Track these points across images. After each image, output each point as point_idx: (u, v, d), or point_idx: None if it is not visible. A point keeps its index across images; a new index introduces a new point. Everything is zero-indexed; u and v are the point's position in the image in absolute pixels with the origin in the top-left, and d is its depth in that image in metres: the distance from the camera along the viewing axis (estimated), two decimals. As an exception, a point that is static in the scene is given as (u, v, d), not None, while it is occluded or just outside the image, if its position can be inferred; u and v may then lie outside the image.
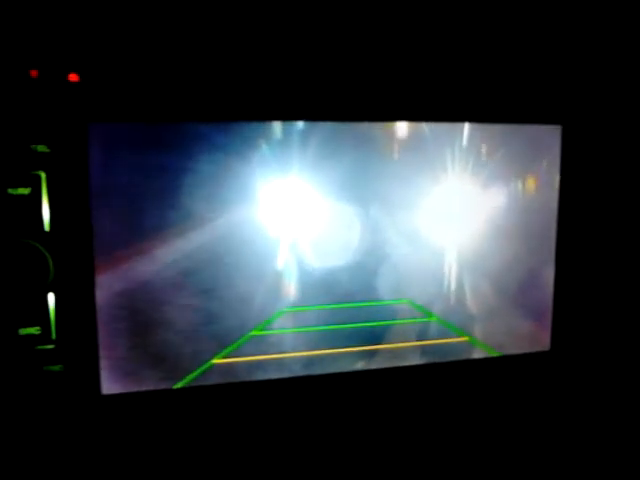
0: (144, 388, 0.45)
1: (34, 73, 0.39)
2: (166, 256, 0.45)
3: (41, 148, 0.40)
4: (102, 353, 0.44)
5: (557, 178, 0.51)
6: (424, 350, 0.50)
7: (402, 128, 0.48)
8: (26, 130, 0.40)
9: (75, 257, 0.42)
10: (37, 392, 0.42)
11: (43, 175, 0.40)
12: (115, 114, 0.42)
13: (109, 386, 0.44)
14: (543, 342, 0.53)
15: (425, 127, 0.48)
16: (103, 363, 0.44)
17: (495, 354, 0.52)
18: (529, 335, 0.53)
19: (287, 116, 0.45)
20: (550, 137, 0.51)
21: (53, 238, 0.41)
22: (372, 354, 0.49)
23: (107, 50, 0.41)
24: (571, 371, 0.53)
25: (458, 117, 0.48)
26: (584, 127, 0.51)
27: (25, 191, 0.40)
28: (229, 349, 0.46)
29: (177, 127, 0.43)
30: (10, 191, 0.40)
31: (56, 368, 0.42)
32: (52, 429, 0.43)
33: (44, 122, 0.40)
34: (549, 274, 0.52)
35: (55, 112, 0.40)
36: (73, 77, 0.40)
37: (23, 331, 0.41)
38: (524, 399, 0.52)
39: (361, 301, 0.48)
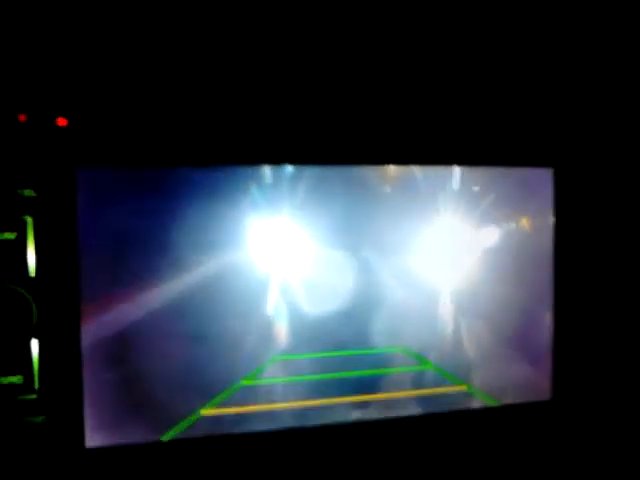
0: (129, 440, 0.43)
1: (22, 117, 0.39)
2: (153, 303, 0.43)
3: (28, 192, 0.39)
4: (86, 403, 0.42)
5: (551, 219, 0.51)
6: (421, 399, 0.48)
7: (393, 170, 0.48)
8: (13, 174, 0.39)
9: (60, 304, 0.41)
10: (18, 444, 0.40)
11: (30, 220, 0.40)
12: (103, 158, 0.42)
13: (93, 438, 0.43)
14: (543, 390, 0.51)
15: (416, 170, 0.48)
16: (87, 413, 0.42)
17: (494, 404, 0.50)
18: (529, 383, 0.51)
19: (276, 160, 0.45)
20: (542, 179, 0.51)
21: (38, 284, 0.40)
22: (367, 404, 0.47)
23: (95, 95, 0.41)
24: (573, 422, 0.51)
25: (448, 160, 0.48)
26: (576, 169, 0.50)
27: (11, 236, 0.39)
28: (218, 399, 0.45)
29: (165, 171, 0.43)
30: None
31: (38, 419, 0.40)
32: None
33: (31, 166, 0.40)
34: (547, 319, 0.51)
35: (43, 156, 0.40)
36: (61, 121, 0.40)
37: (4, 380, 0.40)
38: (524, 451, 0.50)
39: (355, 349, 0.47)
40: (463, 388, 0.49)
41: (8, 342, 0.39)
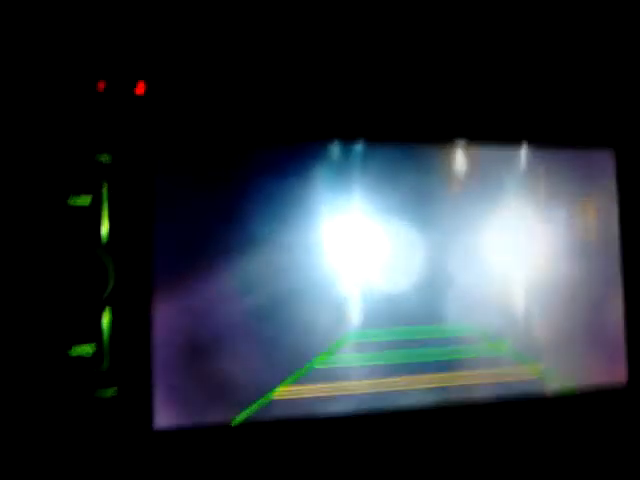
0: (199, 422, 0.41)
1: (101, 85, 0.39)
2: (226, 280, 0.42)
3: (105, 158, 0.39)
4: (156, 381, 0.40)
5: (615, 200, 0.50)
6: (496, 382, 0.46)
7: (460, 150, 0.48)
8: (91, 140, 0.39)
9: (134, 272, 0.40)
10: (87, 418, 0.38)
11: (105, 186, 0.39)
12: (179, 131, 0.41)
13: (162, 418, 0.40)
14: (619, 375, 0.49)
15: (482, 151, 0.48)
16: (157, 392, 0.40)
17: (570, 388, 0.48)
18: (604, 368, 0.49)
19: (349, 136, 0.45)
20: (604, 160, 0.51)
21: (112, 251, 0.39)
22: (442, 386, 0.45)
23: (173, 65, 0.41)
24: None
25: (510, 138, 0.48)
26: (638, 150, 0.50)
27: (86, 201, 0.38)
28: (289, 380, 0.43)
29: (241, 148, 0.43)
30: (71, 201, 0.38)
31: (109, 393, 0.39)
32: (99, 464, 0.39)
33: (109, 132, 0.39)
34: (619, 302, 0.50)
35: (121, 123, 0.39)
36: (140, 89, 0.40)
37: (76, 350, 0.38)
38: (602, 438, 0.48)
39: (427, 326, 0.46)
40: (538, 371, 0.47)
41: (82, 310, 0.38)
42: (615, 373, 0.49)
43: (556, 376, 0.48)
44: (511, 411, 0.46)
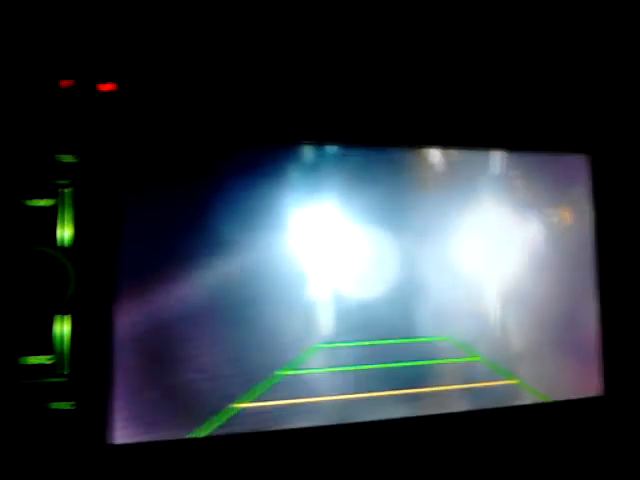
0: (159, 435, 0.39)
1: (66, 83, 0.38)
2: (191, 287, 0.41)
3: (68, 158, 0.38)
4: (116, 393, 0.39)
5: (590, 207, 0.50)
6: (469, 393, 0.45)
7: (434, 154, 0.47)
8: (54, 140, 0.37)
9: (97, 278, 0.38)
10: (42, 432, 0.37)
11: (68, 187, 0.38)
12: (148, 130, 0.40)
13: (121, 432, 0.39)
14: (595, 386, 0.48)
15: (456, 155, 0.47)
16: (116, 405, 0.39)
17: (544, 399, 0.47)
18: (579, 378, 0.48)
19: (320, 139, 0.44)
20: (580, 166, 0.50)
21: (74, 254, 0.38)
22: (414, 397, 0.44)
23: (141, 63, 0.40)
24: (627, 418, 0.48)
25: (486, 144, 0.47)
26: (613, 155, 0.50)
27: (49, 202, 0.37)
28: (256, 391, 0.42)
29: (209, 150, 0.42)
30: (32, 202, 0.37)
31: (66, 406, 0.37)
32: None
33: (74, 132, 0.38)
34: (594, 311, 0.49)
35: (86, 122, 0.38)
36: (107, 87, 0.39)
37: (32, 360, 0.36)
38: (579, 449, 0.47)
39: (399, 338, 0.44)
40: (513, 382, 0.46)
41: (39, 316, 0.37)
42: (591, 384, 0.48)
43: (531, 387, 0.47)
44: (484, 421, 0.45)
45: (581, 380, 0.48)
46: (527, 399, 0.47)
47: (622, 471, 0.47)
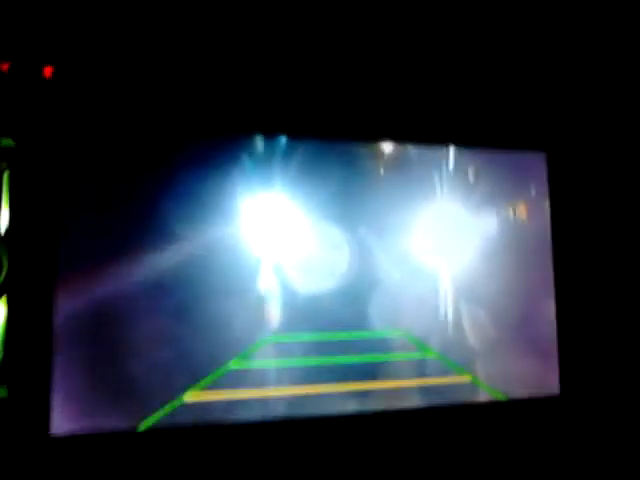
0: (102, 427, 0.38)
1: (5, 66, 0.37)
2: (137, 277, 0.40)
3: (6, 142, 0.37)
4: (55, 383, 0.38)
5: (547, 203, 0.49)
6: (422, 389, 0.45)
7: (388, 148, 0.46)
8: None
9: (36, 263, 0.37)
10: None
11: (6, 170, 0.37)
12: (88, 116, 0.39)
13: (60, 424, 0.38)
14: (550, 384, 0.48)
15: (411, 150, 0.47)
16: (56, 394, 0.38)
17: (498, 396, 0.46)
18: (534, 376, 0.48)
19: (270, 130, 0.43)
20: (536, 163, 0.50)
21: (11, 239, 0.37)
22: (365, 393, 0.43)
23: (83, 47, 0.39)
24: (583, 418, 0.48)
25: (442, 139, 0.47)
26: (568, 153, 0.50)
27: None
28: (203, 383, 0.41)
29: (158, 140, 0.41)
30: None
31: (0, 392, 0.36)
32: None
33: (12, 115, 0.37)
34: (551, 308, 0.49)
35: (25, 106, 0.37)
36: (47, 71, 0.38)
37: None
38: (532, 448, 0.46)
39: (350, 330, 0.44)
40: (467, 379, 0.46)
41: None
42: (547, 383, 0.48)
43: (485, 384, 0.46)
44: (437, 418, 0.44)
45: (536, 379, 0.48)
46: (481, 396, 0.46)
47: (575, 470, 0.46)
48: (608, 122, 0.50)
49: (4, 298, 0.36)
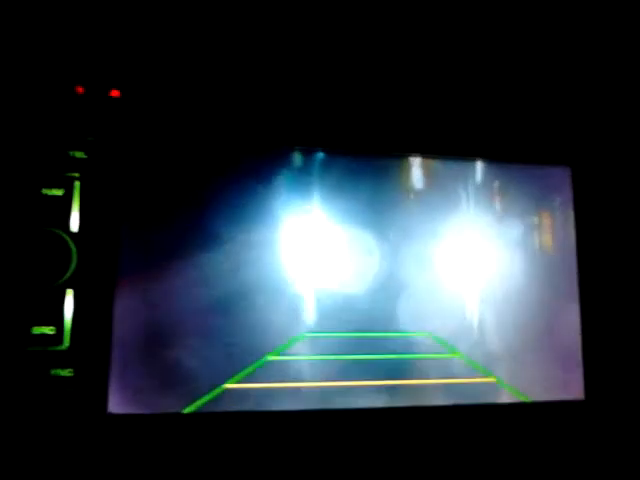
0: (152, 409, 0.43)
1: (80, 89, 0.43)
2: (187, 275, 0.45)
3: (79, 154, 0.42)
4: (113, 367, 0.43)
5: (572, 216, 0.52)
6: (448, 389, 0.47)
7: (417, 163, 0.50)
8: (67, 138, 0.43)
9: (100, 260, 0.43)
10: (43, 398, 0.41)
11: (78, 180, 0.42)
12: (152, 131, 0.45)
13: (116, 403, 0.43)
14: (575, 389, 0.50)
15: (438, 165, 0.50)
16: (113, 378, 0.43)
17: (523, 398, 0.48)
18: (560, 380, 0.49)
19: (310, 145, 0.48)
20: (562, 177, 0.52)
21: (80, 238, 0.42)
22: (393, 389, 0.47)
23: (145, 71, 0.45)
24: (609, 423, 0.49)
25: (469, 153, 0.50)
26: (593, 168, 0.52)
27: (59, 192, 0.42)
28: (243, 373, 0.45)
29: (205, 150, 0.46)
30: (47, 191, 0.42)
31: (65, 373, 0.41)
32: (51, 442, 0.40)
33: (85, 131, 0.43)
34: (576, 316, 0.50)
35: (96, 123, 0.43)
36: (114, 93, 0.44)
37: (36, 330, 0.41)
38: (555, 452, 0.47)
39: (381, 331, 0.47)
40: (492, 380, 0.48)
41: (45, 290, 0.41)
42: (571, 387, 0.49)
43: (510, 385, 0.48)
44: (461, 418, 0.47)
45: (561, 382, 0.49)
46: (505, 398, 0.48)
47: (598, 476, 0.47)
48: (633, 138, 0.52)
49: (71, 291, 0.42)
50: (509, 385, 0.48)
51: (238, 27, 0.46)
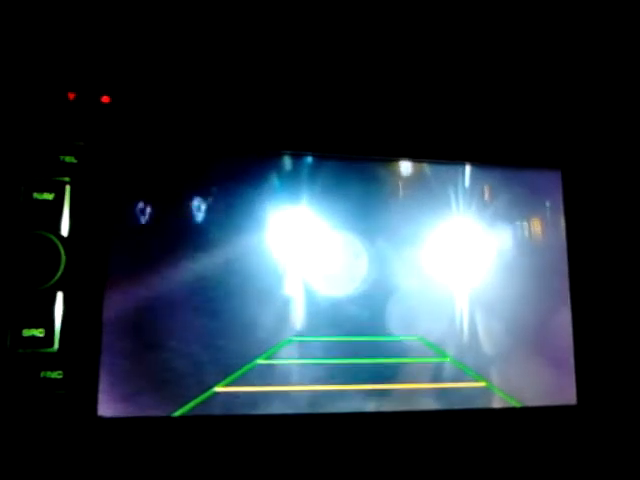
0: (141, 412, 0.43)
1: (71, 95, 0.44)
2: (176, 278, 0.45)
3: (69, 159, 0.43)
4: (102, 370, 0.43)
5: (562, 219, 0.51)
6: (438, 393, 0.47)
7: (406, 166, 0.50)
8: (59, 142, 0.43)
9: (89, 263, 0.43)
10: (32, 400, 0.41)
11: (68, 184, 0.43)
12: (142, 136, 0.45)
13: (106, 406, 0.43)
14: (567, 394, 0.49)
15: (427, 168, 0.50)
16: (103, 381, 0.43)
17: (513, 403, 0.48)
18: (549, 384, 0.49)
19: (297, 148, 0.48)
20: (552, 179, 0.52)
21: (70, 242, 0.43)
22: (382, 393, 0.46)
23: (136, 77, 0.45)
24: (601, 429, 0.48)
25: (457, 157, 0.50)
26: (584, 171, 0.52)
27: (49, 196, 0.42)
28: (233, 377, 0.45)
29: (194, 154, 0.47)
30: (37, 195, 0.42)
31: (55, 375, 0.41)
32: (41, 444, 0.41)
33: (76, 136, 0.43)
34: (567, 319, 0.50)
35: (86, 128, 0.44)
36: (105, 99, 0.44)
37: (26, 332, 0.41)
38: (547, 458, 0.47)
39: (370, 335, 0.47)
40: (482, 384, 0.48)
41: (35, 293, 0.42)
42: (563, 392, 0.49)
43: (500, 390, 0.48)
44: (451, 423, 0.47)
45: (553, 387, 0.49)
46: (496, 402, 0.48)
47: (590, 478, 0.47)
48: (624, 141, 0.52)
49: (61, 294, 0.42)
50: (500, 389, 0.48)
51: (228, 33, 0.47)
